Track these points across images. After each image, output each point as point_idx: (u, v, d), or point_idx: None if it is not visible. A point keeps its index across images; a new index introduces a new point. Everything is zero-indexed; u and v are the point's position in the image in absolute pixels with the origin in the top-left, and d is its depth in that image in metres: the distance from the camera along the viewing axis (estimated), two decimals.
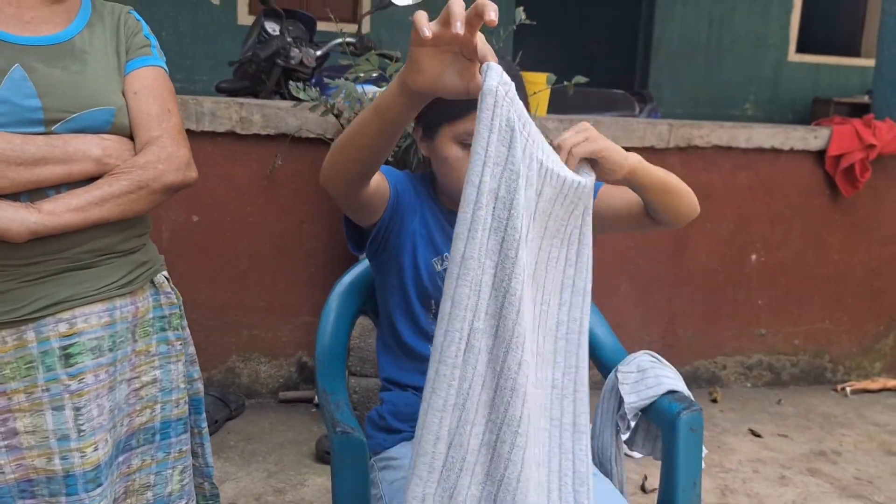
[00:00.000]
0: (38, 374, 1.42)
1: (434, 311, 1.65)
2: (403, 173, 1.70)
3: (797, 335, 4.16)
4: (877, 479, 3.13)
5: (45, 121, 1.41)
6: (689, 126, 3.81)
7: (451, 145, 1.55)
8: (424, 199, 1.69)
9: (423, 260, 1.65)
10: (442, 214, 1.69)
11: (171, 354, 1.63)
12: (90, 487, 1.45)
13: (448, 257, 1.61)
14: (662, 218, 1.61)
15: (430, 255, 1.65)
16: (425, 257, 1.65)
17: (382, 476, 1.61)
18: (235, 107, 3.30)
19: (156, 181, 1.49)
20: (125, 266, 1.53)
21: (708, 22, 8.60)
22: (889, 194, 4.13)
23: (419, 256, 1.65)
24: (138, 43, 1.59)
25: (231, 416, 3.33)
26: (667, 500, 1.69)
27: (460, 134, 1.53)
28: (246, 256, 3.44)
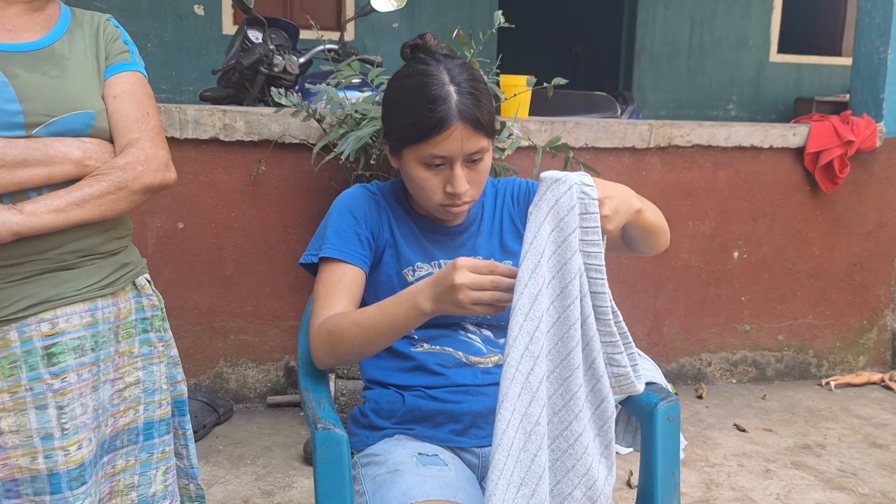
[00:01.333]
0: (21, 373, 1.44)
1: None
2: (360, 193, 1.70)
3: (781, 331, 4.19)
4: (861, 472, 3.17)
5: (26, 124, 1.44)
6: (669, 126, 3.84)
7: (417, 166, 1.56)
8: (393, 208, 1.70)
9: (396, 272, 1.66)
10: (413, 221, 1.70)
11: (153, 356, 1.66)
12: (74, 486, 1.47)
13: (420, 266, 1.65)
14: (641, 251, 1.71)
15: (402, 266, 1.66)
16: (398, 269, 1.66)
17: (365, 472, 1.62)
18: (219, 114, 3.32)
19: (135, 182, 1.52)
20: (107, 267, 1.56)
21: (689, 24, 8.67)
22: (868, 189, 4.17)
23: (392, 269, 1.67)
24: (117, 49, 1.62)
25: (219, 420, 3.34)
26: (646, 490, 1.71)
27: (423, 156, 1.54)
28: (231, 262, 3.46)
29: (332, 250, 1.62)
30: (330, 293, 1.59)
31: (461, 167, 1.54)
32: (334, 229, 1.65)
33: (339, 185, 3.40)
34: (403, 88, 1.57)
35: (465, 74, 1.55)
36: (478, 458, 1.67)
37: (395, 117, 1.58)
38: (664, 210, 4.00)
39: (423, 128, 1.51)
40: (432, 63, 1.56)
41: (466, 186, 1.55)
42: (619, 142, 3.75)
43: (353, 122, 3.02)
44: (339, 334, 1.51)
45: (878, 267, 4.27)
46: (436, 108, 1.49)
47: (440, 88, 1.51)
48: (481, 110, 1.54)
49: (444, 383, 1.68)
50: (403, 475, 1.52)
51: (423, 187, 1.57)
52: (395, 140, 1.59)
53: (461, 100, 1.51)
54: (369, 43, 7.53)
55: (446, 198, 1.57)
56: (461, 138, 1.51)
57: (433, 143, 1.51)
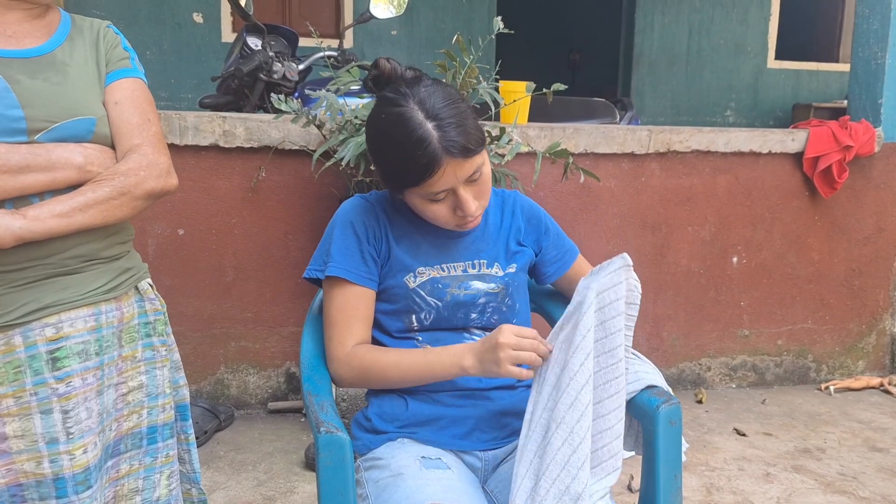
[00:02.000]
0: (26, 378, 1.44)
1: (414, 326, 1.68)
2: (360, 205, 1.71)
3: (780, 335, 4.20)
4: (861, 475, 3.17)
5: (28, 130, 1.44)
6: (668, 131, 3.86)
7: (422, 203, 1.59)
8: (392, 218, 1.71)
9: (398, 282, 1.67)
10: (414, 228, 1.71)
11: (156, 360, 1.66)
12: (80, 489, 1.48)
13: (421, 272, 1.67)
14: None
15: (404, 273, 1.67)
16: (399, 278, 1.67)
17: (368, 476, 1.63)
18: (218, 120, 3.33)
19: (137, 188, 1.53)
20: (109, 272, 1.56)
21: (687, 31, 8.69)
22: (867, 194, 4.18)
23: (395, 278, 1.68)
24: (118, 55, 1.63)
25: (220, 426, 3.35)
26: (649, 493, 1.72)
27: (425, 195, 1.56)
28: (232, 268, 3.47)
29: (340, 270, 1.65)
30: (348, 320, 1.65)
31: (464, 190, 1.56)
32: (338, 247, 1.66)
33: (340, 192, 3.41)
34: (383, 137, 1.56)
35: (438, 101, 1.53)
36: (480, 461, 1.68)
37: (384, 165, 1.59)
38: (663, 216, 4.02)
39: (414, 174, 1.52)
40: (401, 100, 1.54)
41: (475, 204, 1.58)
42: (619, 147, 3.76)
43: (353, 127, 3.03)
44: (377, 372, 1.62)
45: (877, 271, 4.28)
46: (420, 153, 1.49)
47: (418, 129, 1.49)
48: (466, 135, 1.52)
49: (447, 387, 1.68)
50: (406, 479, 1.53)
51: (434, 218, 1.61)
52: (393, 185, 1.61)
53: (442, 135, 1.50)
54: (368, 50, 7.55)
55: (458, 219, 1.60)
56: (454, 171, 1.52)
57: (429, 183, 1.53)
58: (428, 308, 1.66)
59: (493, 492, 1.66)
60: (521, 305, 1.78)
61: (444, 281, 1.67)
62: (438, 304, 1.66)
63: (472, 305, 1.69)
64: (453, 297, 1.66)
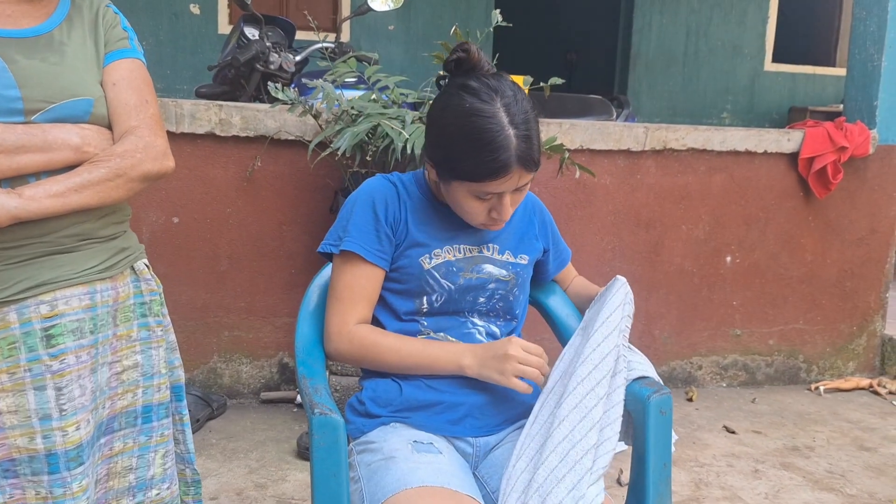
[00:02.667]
0: (20, 354, 1.45)
1: (423, 308, 1.68)
2: (383, 185, 1.71)
3: (772, 335, 4.22)
4: (849, 473, 3.19)
5: (24, 111, 1.44)
6: (664, 129, 3.87)
7: (466, 197, 1.59)
8: (413, 198, 1.71)
9: (415, 262, 1.68)
10: (433, 209, 1.72)
11: (151, 340, 1.66)
12: (72, 466, 1.48)
13: (437, 253, 1.67)
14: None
15: (419, 253, 1.67)
16: (415, 257, 1.68)
17: (360, 459, 1.63)
18: (215, 108, 3.33)
19: (134, 169, 1.53)
20: (105, 251, 1.56)
21: (685, 32, 8.70)
22: (861, 196, 4.20)
23: (410, 258, 1.68)
24: (116, 35, 1.63)
25: (213, 415, 3.35)
26: (638, 481, 1.73)
27: (477, 192, 1.57)
28: (226, 258, 3.47)
29: (355, 245, 1.65)
30: (355, 297, 1.67)
31: (509, 197, 1.59)
32: (356, 224, 1.66)
33: (335, 182, 3.42)
34: (462, 129, 1.54)
35: (520, 110, 1.54)
36: (472, 447, 1.69)
37: (452, 155, 1.57)
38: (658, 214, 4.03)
39: (483, 173, 1.53)
40: (486, 98, 1.53)
41: (510, 211, 1.61)
42: (615, 144, 3.77)
43: (350, 118, 3.03)
44: (375, 353, 1.65)
45: (870, 273, 4.30)
46: (497, 156, 1.51)
47: (500, 134, 1.51)
48: (537, 151, 1.56)
49: (442, 374, 1.69)
50: (398, 462, 1.54)
51: (468, 212, 1.62)
52: (448, 172, 1.59)
53: (519, 144, 1.52)
54: (365, 44, 7.54)
55: (490, 220, 1.62)
56: (517, 178, 1.55)
57: (489, 185, 1.54)
58: (440, 290, 1.67)
59: (484, 477, 1.67)
60: (524, 297, 1.82)
61: (458, 264, 1.68)
62: (451, 287, 1.68)
63: (482, 290, 1.71)
64: (466, 281, 1.68)
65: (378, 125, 2.92)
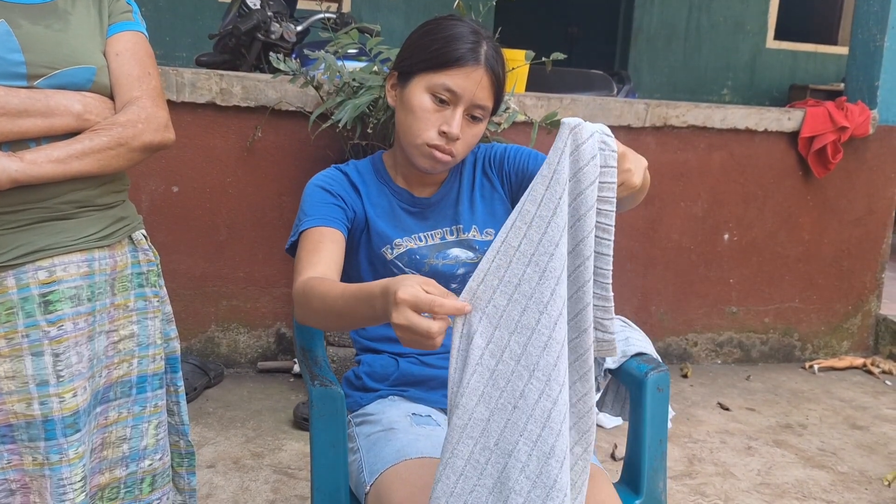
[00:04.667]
0: (17, 319, 1.45)
1: None
2: (331, 174, 1.67)
3: (767, 313, 4.24)
4: (840, 451, 3.21)
5: (27, 75, 1.44)
6: (665, 106, 3.86)
7: (423, 94, 1.54)
8: (369, 184, 1.68)
9: (375, 252, 1.65)
10: (392, 193, 1.68)
11: (148, 310, 1.67)
12: (69, 432, 1.49)
13: (398, 243, 1.63)
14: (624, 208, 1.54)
15: (381, 244, 1.64)
16: (376, 249, 1.65)
17: (359, 431, 1.65)
18: (216, 78, 3.32)
19: (135, 139, 1.53)
20: (104, 220, 1.57)
21: (687, 7, 8.65)
22: (860, 176, 4.20)
23: (370, 249, 1.65)
24: (120, 8, 1.64)
25: (210, 384, 3.36)
26: (634, 457, 1.75)
27: (435, 86, 1.53)
28: (225, 227, 3.47)
29: (311, 221, 1.57)
30: (311, 253, 1.52)
31: (462, 114, 1.54)
32: (310, 205, 1.60)
33: (335, 154, 3.41)
34: (437, 24, 1.59)
35: (492, 39, 1.59)
36: None
37: (420, 43, 1.58)
38: (657, 190, 4.04)
39: (449, 55, 1.52)
40: (471, 21, 1.60)
41: (460, 133, 1.54)
42: (615, 120, 3.76)
43: (351, 90, 3.02)
44: (310, 302, 1.40)
45: (866, 253, 4.31)
46: (465, 43, 1.53)
47: (473, 34, 1.55)
48: (503, 71, 1.58)
49: (437, 350, 1.69)
50: (398, 433, 1.55)
51: (420, 117, 1.54)
52: (411, 64, 1.57)
53: (489, 50, 1.55)
54: (366, 15, 7.50)
55: (438, 137, 1.54)
56: (478, 82, 1.52)
57: (451, 73, 1.52)
58: None
59: None
60: None
61: (421, 251, 1.65)
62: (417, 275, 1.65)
63: (452, 276, 1.65)
64: (432, 268, 1.64)
65: (379, 97, 2.91)
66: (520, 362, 1.17)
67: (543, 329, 1.16)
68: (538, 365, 1.16)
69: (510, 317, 1.17)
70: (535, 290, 1.16)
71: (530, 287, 1.16)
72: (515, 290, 1.17)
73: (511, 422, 1.18)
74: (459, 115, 1.54)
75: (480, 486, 1.20)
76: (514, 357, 1.17)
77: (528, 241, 1.16)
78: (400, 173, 1.69)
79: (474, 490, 1.20)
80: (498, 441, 1.19)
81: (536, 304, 1.16)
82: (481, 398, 1.19)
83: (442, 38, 1.54)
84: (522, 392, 1.17)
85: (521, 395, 1.17)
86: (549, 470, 1.17)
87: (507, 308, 1.17)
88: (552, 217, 1.16)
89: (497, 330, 1.18)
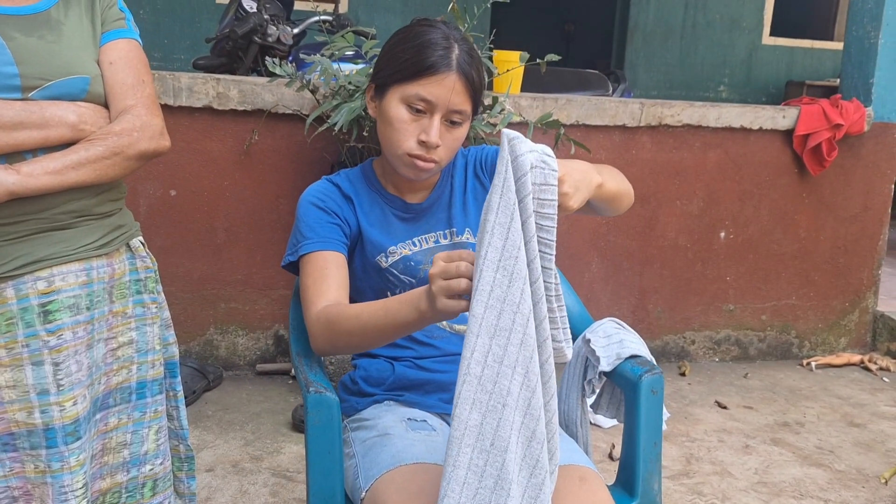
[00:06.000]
0: (17, 330, 1.47)
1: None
2: (323, 187, 1.68)
3: (764, 311, 4.25)
4: (838, 449, 3.23)
5: (21, 87, 1.45)
6: (660, 105, 3.87)
7: (399, 106, 1.55)
8: (360, 194, 1.69)
9: (370, 261, 1.67)
10: (384, 201, 1.70)
11: (146, 317, 1.68)
12: (69, 440, 1.50)
13: (392, 251, 1.65)
14: (605, 215, 1.64)
15: (375, 253, 1.66)
16: (371, 258, 1.66)
17: (355, 436, 1.66)
18: (212, 82, 3.33)
19: (130, 148, 1.54)
20: (101, 228, 1.58)
21: (683, 4, 8.66)
22: (855, 173, 4.22)
23: (365, 256, 1.67)
24: (113, 16, 1.64)
25: (209, 387, 3.38)
26: (629, 460, 1.76)
27: (409, 96, 1.54)
28: (223, 230, 3.48)
29: (311, 244, 1.61)
30: (319, 281, 1.57)
31: (440, 120, 1.55)
32: (307, 225, 1.63)
33: (332, 157, 3.42)
34: (408, 31, 1.59)
35: (465, 42, 1.58)
36: None
37: (392, 53, 1.59)
38: (653, 189, 4.03)
39: (419, 65, 1.52)
40: (442, 24, 1.60)
41: (439, 141, 1.55)
42: (610, 120, 3.77)
43: (347, 93, 3.03)
44: (339, 326, 1.48)
45: (862, 250, 4.33)
46: (436, 51, 1.53)
47: (444, 39, 1.55)
48: (477, 73, 1.57)
49: (432, 353, 1.71)
50: (393, 439, 1.56)
51: (398, 129, 1.56)
52: (385, 76, 1.58)
53: (461, 54, 1.55)
54: (363, 16, 7.51)
55: (418, 146, 1.56)
56: (451, 88, 1.53)
57: (423, 83, 1.52)
58: (402, 286, 1.66)
59: None
60: None
61: (416, 258, 1.66)
62: (413, 282, 1.66)
63: None
64: (426, 273, 1.61)
65: None
66: (503, 363, 1.22)
67: (518, 328, 1.22)
68: (518, 360, 1.23)
69: (488, 322, 1.21)
70: (507, 292, 1.21)
71: (502, 291, 1.21)
72: (489, 297, 1.21)
73: (503, 420, 1.23)
74: (437, 123, 1.55)
75: (483, 489, 1.24)
76: (497, 359, 1.22)
77: (493, 249, 1.21)
78: (390, 181, 1.71)
79: (477, 494, 1.24)
80: (493, 441, 1.23)
81: (510, 305, 1.21)
82: (473, 405, 1.23)
83: (412, 46, 1.55)
84: (509, 390, 1.23)
85: (509, 392, 1.22)
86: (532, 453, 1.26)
87: (484, 315, 1.21)
88: (510, 223, 1.21)
89: (478, 338, 1.22)
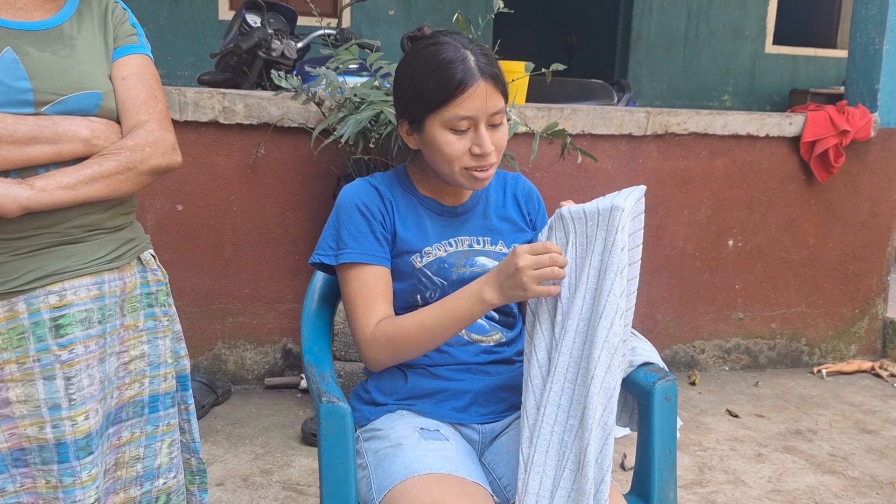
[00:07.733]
0: (29, 344, 1.46)
1: (419, 305, 1.66)
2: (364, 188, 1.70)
3: (774, 319, 4.23)
4: (851, 456, 3.21)
5: (35, 102, 1.45)
6: (666, 113, 3.87)
7: (442, 132, 1.56)
8: (396, 197, 1.70)
9: (406, 262, 1.67)
10: (420, 204, 1.70)
11: (158, 330, 1.68)
12: (81, 455, 1.50)
13: (427, 251, 1.66)
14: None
15: (410, 253, 1.67)
16: (406, 257, 1.67)
17: (367, 446, 1.65)
18: (218, 97, 3.34)
19: (143, 163, 1.54)
20: (113, 242, 1.58)
21: (686, 14, 8.67)
22: (862, 179, 4.21)
23: (401, 258, 1.67)
24: (125, 31, 1.65)
25: (218, 401, 3.37)
26: (643, 468, 1.75)
27: (450, 120, 1.55)
28: (230, 244, 3.48)
29: (354, 255, 1.63)
30: (370, 300, 1.62)
31: (485, 128, 1.57)
32: (349, 232, 1.64)
33: (338, 169, 3.42)
34: (418, 59, 1.59)
35: (472, 42, 1.59)
36: (478, 433, 1.70)
37: (415, 87, 1.58)
38: (660, 198, 4.03)
39: (447, 88, 1.53)
40: (441, 37, 1.60)
41: (492, 146, 1.57)
42: (617, 129, 3.77)
43: (353, 105, 3.04)
44: (402, 337, 1.58)
45: (871, 256, 4.31)
46: (456, 67, 1.53)
47: (456, 51, 1.55)
48: (496, 66, 1.59)
49: (446, 361, 1.70)
50: (405, 449, 1.55)
51: (449, 152, 1.57)
52: (417, 110, 1.59)
53: (478, 59, 1.55)
54: (365, 30, 7.53)
55: (473, 160, 1.58)
56: (484, 95, 1.54)
57: (458, 102, 1.53)
58: (434, 287, 1.66)
59: (490, 464, 1.68)
60: None
61: (450, 260, 1.67)
62: (444, 283, 1.66)
63: None
64: (459, 276, 1.66)
65: (381, 112, 2.93)
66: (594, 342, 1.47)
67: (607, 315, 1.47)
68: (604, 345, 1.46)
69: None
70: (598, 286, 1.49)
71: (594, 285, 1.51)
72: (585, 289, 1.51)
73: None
74: (484, 133, 1.57)
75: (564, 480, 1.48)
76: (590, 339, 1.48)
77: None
78: (429, 185, 1.72)
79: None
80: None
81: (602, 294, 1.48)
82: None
83: (431, 72, 1.55)
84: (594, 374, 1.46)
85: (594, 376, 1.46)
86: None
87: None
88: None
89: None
